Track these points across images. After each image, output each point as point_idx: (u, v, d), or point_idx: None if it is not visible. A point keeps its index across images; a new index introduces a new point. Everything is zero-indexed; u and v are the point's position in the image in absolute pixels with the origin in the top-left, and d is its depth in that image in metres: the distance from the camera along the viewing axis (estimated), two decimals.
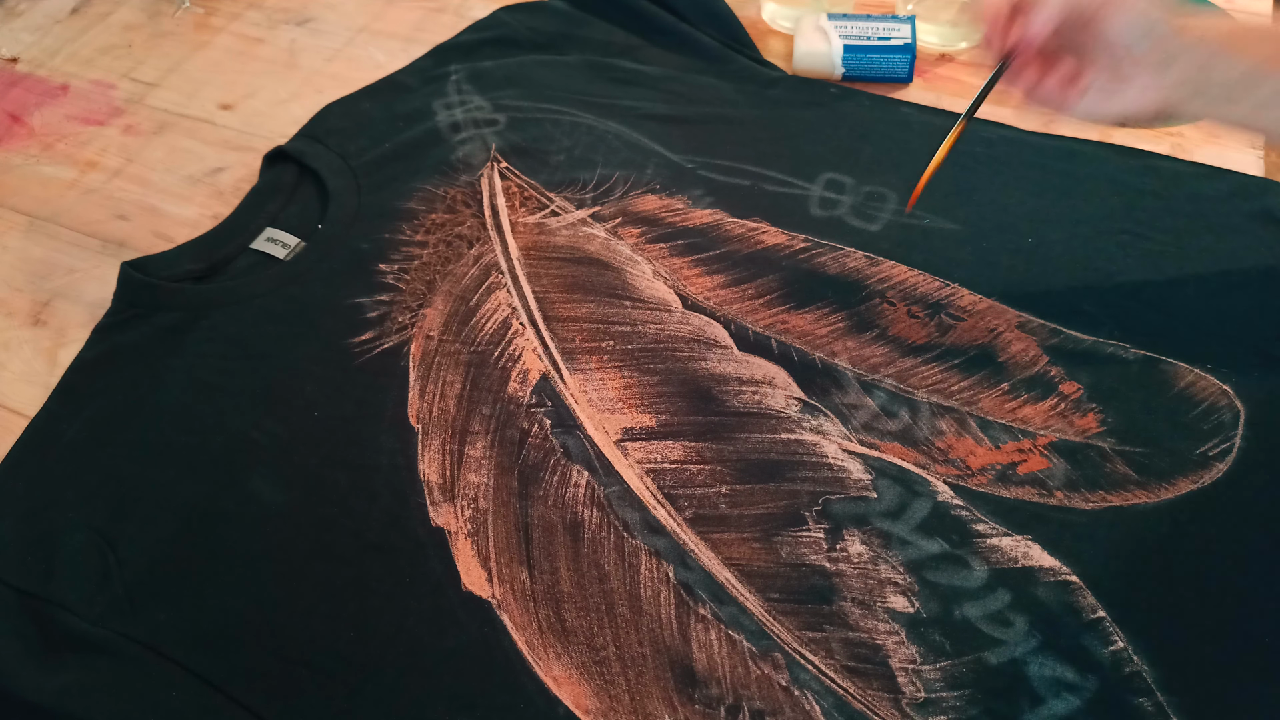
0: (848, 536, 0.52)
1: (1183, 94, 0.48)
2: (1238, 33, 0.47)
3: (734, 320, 0.62)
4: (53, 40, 0.89)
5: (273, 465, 0.56)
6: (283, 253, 0.67)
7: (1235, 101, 0.48)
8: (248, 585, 0.52)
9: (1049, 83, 0.52)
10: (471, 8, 0.87)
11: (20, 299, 0.68)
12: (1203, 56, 0.47)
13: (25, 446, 0.58)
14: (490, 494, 0.55)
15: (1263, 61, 0.47)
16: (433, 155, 0.72)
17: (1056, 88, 0.52)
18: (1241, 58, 0.47)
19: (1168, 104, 0.49)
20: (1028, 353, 0.59)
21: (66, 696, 0.49)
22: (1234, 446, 0.54)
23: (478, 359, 0.61)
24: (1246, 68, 0.47)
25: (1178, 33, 0.47)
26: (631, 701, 0.47)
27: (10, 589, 0.52)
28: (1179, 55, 0.47)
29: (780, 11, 0.82)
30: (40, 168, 0.77)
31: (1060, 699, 0.46)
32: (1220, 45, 0.47)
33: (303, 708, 0.48)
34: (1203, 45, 0.47)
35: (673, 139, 0.73)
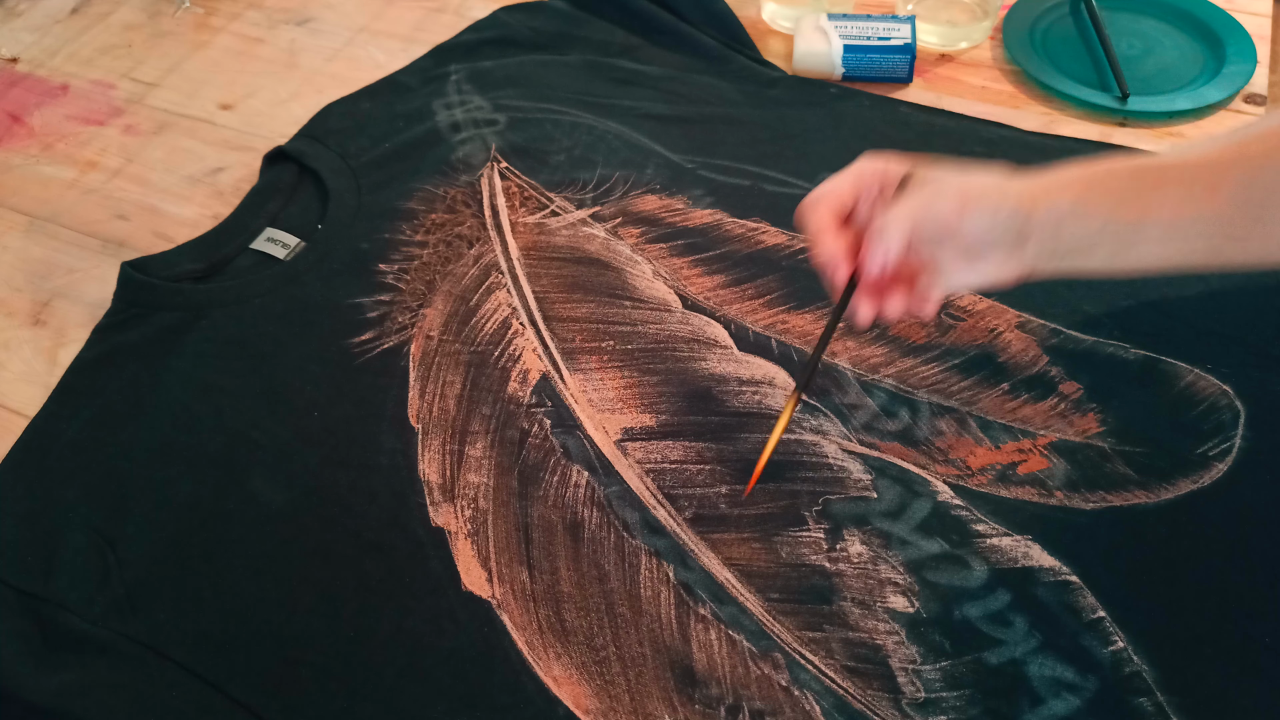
0: (848, 536, 0.52)
1: (1039, 262, 0.48)
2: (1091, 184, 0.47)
3: (734, 320, 0.62)
4: (53, 40, 0.89)
5: (273, 465, 0.56)
6: (283, 253, 0.67)
7: (1091, 255, 0.48)
8: (248, 585, 0.52)
9: (895, 304, 0.50)
10: (471, 8, 0.87)
11: (20, 299, 0.68)
12: (1054, 225, 0.46)
13: (25, 446, 0.58)
14: (490, 494, 0.55)
15: (1111, 214, 0.46)
16: (433, 155, 0.72)
17: (906, 305, 0.50)
18: (1092, 214, 0.46)
19: (1025, 272, 0.49)
20: (1028, 353, 0.59)
21: (66, 696, 0.49)
22: (1234, 446, 0.54)
23: (478, 359, 0.61)
24: (1097, 224, 0.46)
25: (1029, 213, 0.46)
26: (631, 701, 0.47)
27: (10, 589, 0.52)
28: (1031, 233, 0.47)
29: (780, 11, 0.82)
30: (40, 168, 0.77)
31: (1060, 699, 0.46)
32: (1071, 207, 0.46)
33: (303, 708, 0.48)
34: (1053, 214, 0.46)
35: (673, 139, 0.73)
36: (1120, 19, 0.79)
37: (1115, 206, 0.47)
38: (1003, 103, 0.75)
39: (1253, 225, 0.46)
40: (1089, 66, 0.76)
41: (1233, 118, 0.72)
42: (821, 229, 0.49)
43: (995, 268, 0.48)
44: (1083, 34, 0.79)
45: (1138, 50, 0.77)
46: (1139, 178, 0.47)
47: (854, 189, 0.50)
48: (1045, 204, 0.47)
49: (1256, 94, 0.73)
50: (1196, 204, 0.46)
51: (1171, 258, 0.48)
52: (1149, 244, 0.47)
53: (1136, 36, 0.78)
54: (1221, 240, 0.47)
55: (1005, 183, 0.48)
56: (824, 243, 0.49)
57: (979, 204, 0.46)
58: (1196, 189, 0.46)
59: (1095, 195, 0.47)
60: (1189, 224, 0.46)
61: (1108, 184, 0.47)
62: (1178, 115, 0.72)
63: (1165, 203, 0.46)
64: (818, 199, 0.50)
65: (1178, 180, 0.47)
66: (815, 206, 0.50)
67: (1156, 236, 0.47)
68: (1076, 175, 0.48)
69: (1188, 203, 0.46)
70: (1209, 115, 0.72)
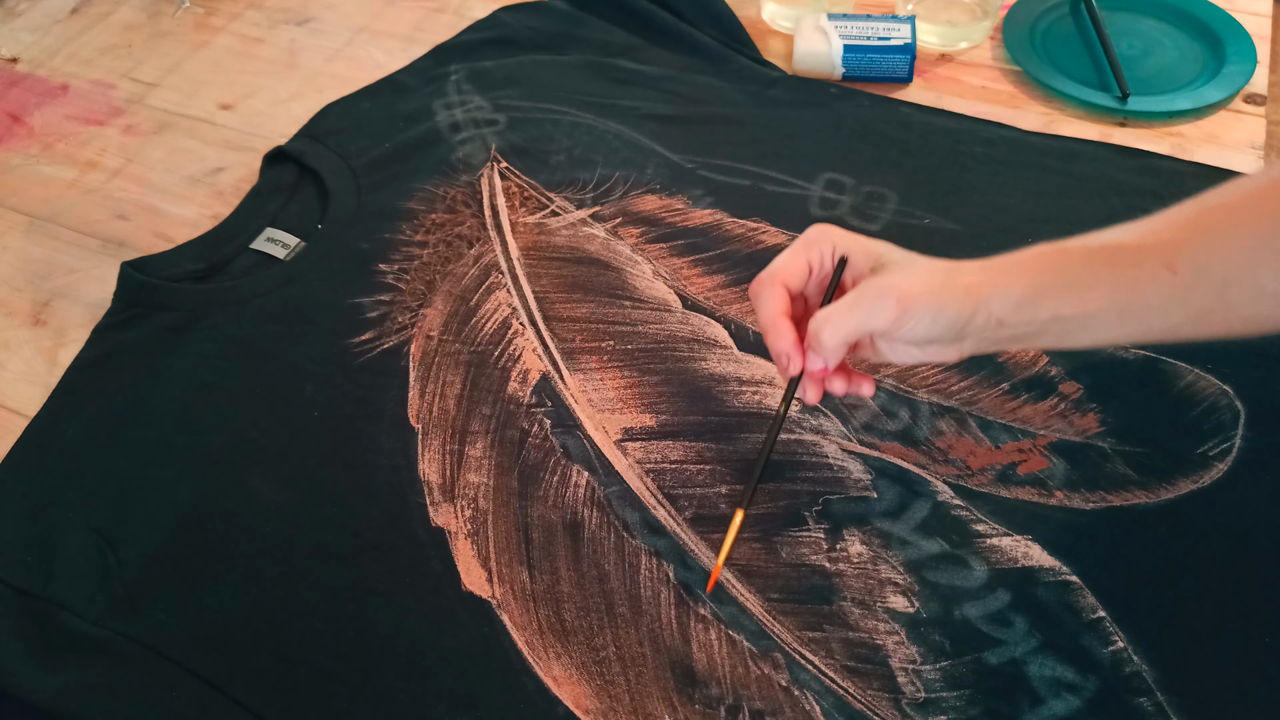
0: (848, 536, 0.52)
1: (980, 348, 0.49)
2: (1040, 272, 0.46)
3: (734, 320, 0.62)
4: (53, 40, 0.89)
5: (273, 465, 0.56)
6: (283, 253, 0.67)
7: (1038, 340, 0.48)
8: (248, 585, 0.52)
9: (837, 386, 0.50)
10: (471, 8, 0.87)
11: (20, 299, 0.68)
12: (995, 324, 0.46)
13: (25, 446, 0.58)
14: (490, 494, 0.55)
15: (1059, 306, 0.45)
16: (433, 155, 0.72)
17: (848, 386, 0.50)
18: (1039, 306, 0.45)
19: (965, 357, 0.49)
20: (1027, 352, 0.59)
21: (66, 696, 0.49)
22: (1234, 446, 0.54)
23: (478, 359, 0.61)
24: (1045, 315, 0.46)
25: (971, 314, 0.45)
26: (631, 701, 0.47)
27: (10, 589, 0.52)
28: (971, 332, 0.46)
29: (780, 11, 0.82)
30: (40, 168, 0.77)
31: (1060, 699, 0.46)
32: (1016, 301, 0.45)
33: (303, 708, 0.48)
34: (996, 311, 0.45)
35: (673, 139, 0.73)
36: (1120, 19, 0.79)
37: (1063, 297, 0.46)
38: (1003, 103, 0.75)
39: (1213, 304, 0.45)
40: (1089, 66, 0.76)
41: (1233, 118, 0.72)
42: (775, 317, 0.48)
43: (935, 354, 0.49)
44: (1083, 34, 0.79)
45: (1138, 50, 0.77)
46: (1090, 262, 0.46)
47: (804, 264, 0.50)
48: (989, 300, 0.45)
49: (1256, 94, 0.73)
50: (1152, 286, 0.45)
51: (1127, 337, 0.48)
52: (1101, 329, 0.47)
53: (1136, 36, 0.78)
54: (1180, 320, 0.46)
55: (950, 278, 0.46)
56: (775, 336, 0.48)
57: (917, 310, 0.45)
58: (1153, 270, 0.45)
59: (1043, 285, 0.46)
60: (1143, 309, 0.45)
61: (1057, 272, 0.46)
62: (1178, 115, 0.72)
63: (1118, 288, 0.45)
64: (768, 281, 0.49)
65: (1132, 262, 0.45)
66: (765, 293, 0.49)
67: (1108, 322, 0.46)
68: (1026, 264, 0.46)
69: (1142, 286, 0.45)
70: (1209, 115, 0.73)
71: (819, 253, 0.50)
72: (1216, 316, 0.46)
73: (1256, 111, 0.72)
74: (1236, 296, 0.45)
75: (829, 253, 0.50)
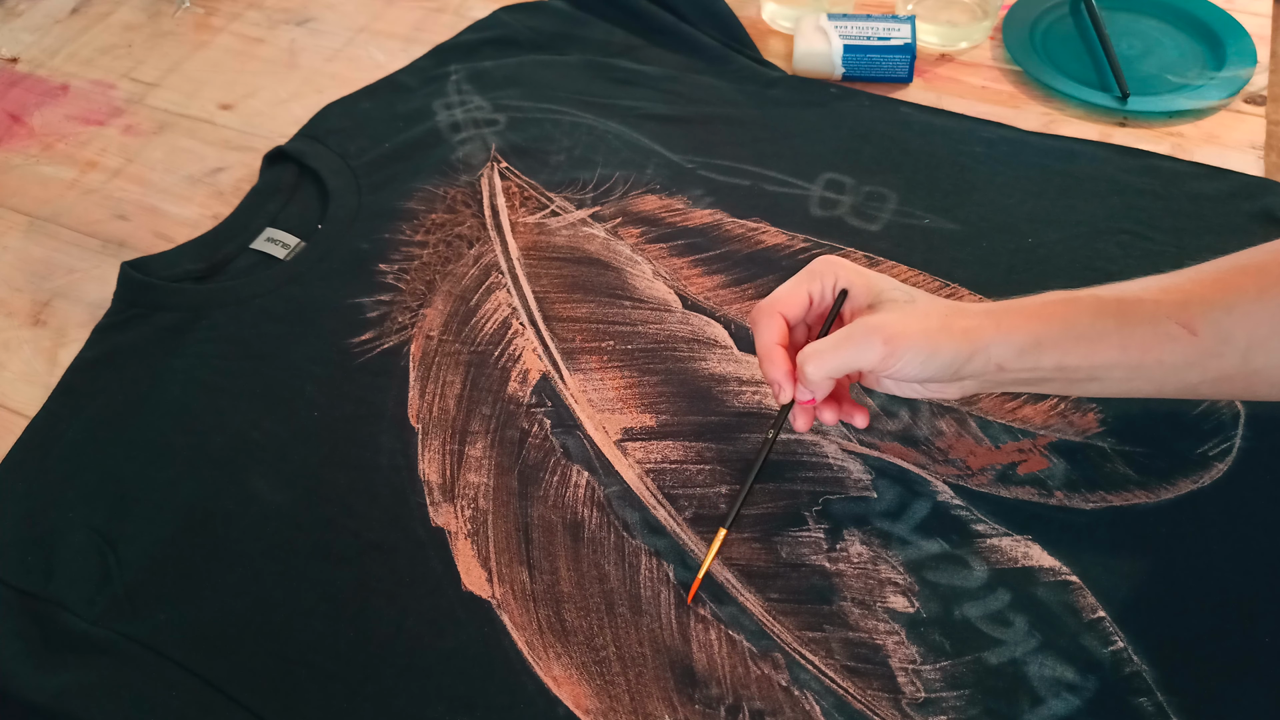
0: (848, 536, 0.52)
1: (982, 389, 0.48)
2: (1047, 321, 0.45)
3: (734, 320, 0.62)
4: (53, 40, 0.89)
5: (273, 465, 0.56)
6: (283, 253, 0.67)
7: (1044, 387, 0.47)
8: (248, 585, 0.52)
9: (828, 416, 0.50)
10: (471, 8, 0.87)
11: (20, 299, 0.68)
12: (995, 368, 0.45)
13: (25, 446, 0.58)
14: (490, 494, 0.55)
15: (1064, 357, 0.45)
16: (433, 155, 0.72)
17: (839, 416, 0.50)
18: (1044, 355, 0.45)
19: (968, 395, 0.49)
20: None
21: (66, 696, 0.49)
22: (1234, 446, 0.54)
23: (478, 359, 0.61)
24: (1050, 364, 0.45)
25: (969, 356, 0.45)
26: (631, 701, 0.47)
27: (10, 589, 0.52)
28: (969, 374, 0.46)
29: (780, 11, 0.82)
30: (40, 168, 0.77)
31: (1060, 699, 0.46)
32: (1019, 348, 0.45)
33: (303, 708, 0.48)
34: (996, 356, 0.45)
35: (673, 139, 0.73)
36: (1120, 19, 0.79)
37: (1069, 348, 0.45)
38: (1003, 103, 0.75)
39: (1235, 369, 0.43)
40: (1089, 66, 0.76)
41: (1233, 118, 0.72)
42: (769, 346, 0.49)
43: (935, 391, 0.49)
44: (1083, 34, 0.79)
45: (1138, 50, 0.77)
46: (1100, 315, 0.45)
47: (805, 295, 0.49)
48: (989, 345, 0.45)
49: (1257, 94, 0.73)
50: (1168, 345, 0.43)
51: (1139, 392, 0.47)
52: (1111, 382, 0.46)
53: (1136, 36, 0.78)
54: (1198, 380, 0.45)
55: (947, 319, 0.46)
56: (768, 364, 0.48)
57: (908, 350, 0.45)
58: (1169, 329, 0.43)
59: (1048, 334, 0.45)
60: (1156, 366, 0.44)
61: (1065, 322, 0.45)
62: (1178, 115, 0.72)
63: (1129, 344, 0.44)
64: (767, 310, 0.49)
65: (1147, 319, 0.44)
66: (762, 321, 0.49)
67: (1119, 377, 0.45)
68: (1032, 311, 0.46)
69: (1157, 344, 0.44)
70: (1209, 115, 0.73)
71: (820, 285, 0.49)
72: (1239, 382, 0.45)
73: (1256, 111, 0.72)
74: (1261, 363, 0.43)
75: (831, 285, 0.49)
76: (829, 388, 0.48)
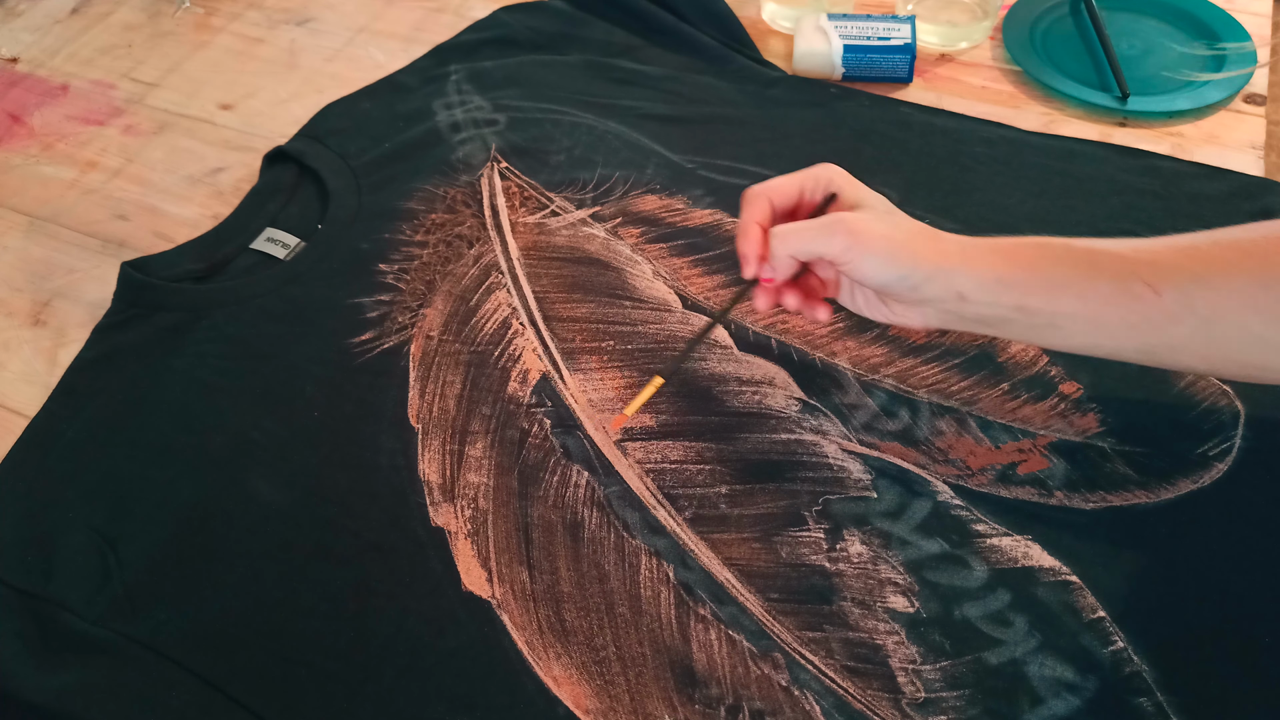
0: (848, 536, 0.52)
1: (945, 322, 0.49)
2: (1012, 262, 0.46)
3: (734, 320, 0.62)
4: (53, 40, 0.89)
5: (273, 465, 0.56)
6: (283, 253, 0.67)
7: (1005, 329, 0.48)
8: (248, 585, 0.52)
9: (791, 301, 0.51)
10: (471, 8, 0.87)
11: (20, 299, 0.68)
12: (955, 296, 0.46)
13: (25, 446, 0.58)
14: (490, 494, 0.55)
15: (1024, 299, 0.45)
16: (433, 155, 0.72)
17: (801, 305, 0.52)
18: (1005, 294, 0.45)
19: (930, 327, 0.50)
20: (1027, 352, 0.59)
21: (66, 696, 0.49)
22: (1234, 446, 0.54)
23: (478, 359, 0.61)
24: (1010, 304, 0.45)
25: (929, 275, 0.46)
26: (631, 701, 0.47)
27: (10, 589, 0.52)
28: (929, 295, 0.47)
29: (780, 11, 0.82)
30: (40, 168, 0.77)
31: (1060, 699, 0.46)
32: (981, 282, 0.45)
33: (303, 708, 0.48)
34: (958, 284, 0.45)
35: (673, 139, 0.73)
36: (1120, 19, 0.79)
37: (1031, 290, 0.45)
38: (1003, 103, 0.75)
39: (1194, 337, 0.44)
40: (1089, 66, 0.76)
41: (1233, 118, 0.72)
42: (748, 223, 0.51)
43: (898, 313, 0.50)
44: (1083, 34, 0.79)
45: (1138, 50, 0.77)
46: (1068, 263, 0.45)
47: (797, 188, 0.51)
48: (954, 271, 0.46)
49: (1256, 94, 0.73)
50: (1130, 303, 0.44)
51: (1099, 348, 0.47)
52: (1072, 332, 0.46)
53: (1136, 36, 0.78)
54: (1156, 343, 0.45)
55: (916, 237, 0.47)
56: (745, 238, 0.51)
57: (869, 249, 0.46)
58: (1133, 286, 0.44)
59: (1013, 273, 0.45)
60: (1116, 323, 0.45)
61: (1031, 265, 0.46)
62: (1178, 115, 0.72)
63: (1089, 295, 0.45)
64: (757, 192, 0.51)
65: (1113, 273, 0.45)
66: (750, 201, 0.52)
67: (1079, 327, 0.46)
68: (1003, 250, 0.46)
69: (1119, 299, 0.44)
70: (1209, 115, 0.73)
71: (814, 183, 0.52)
72: (1197, 352, 0.45)
73: (1256, 111, 0.72)
74: (1220, 336, 0.44)
75: (824, 186, 0.51)
76: (790, 268, 0.50)
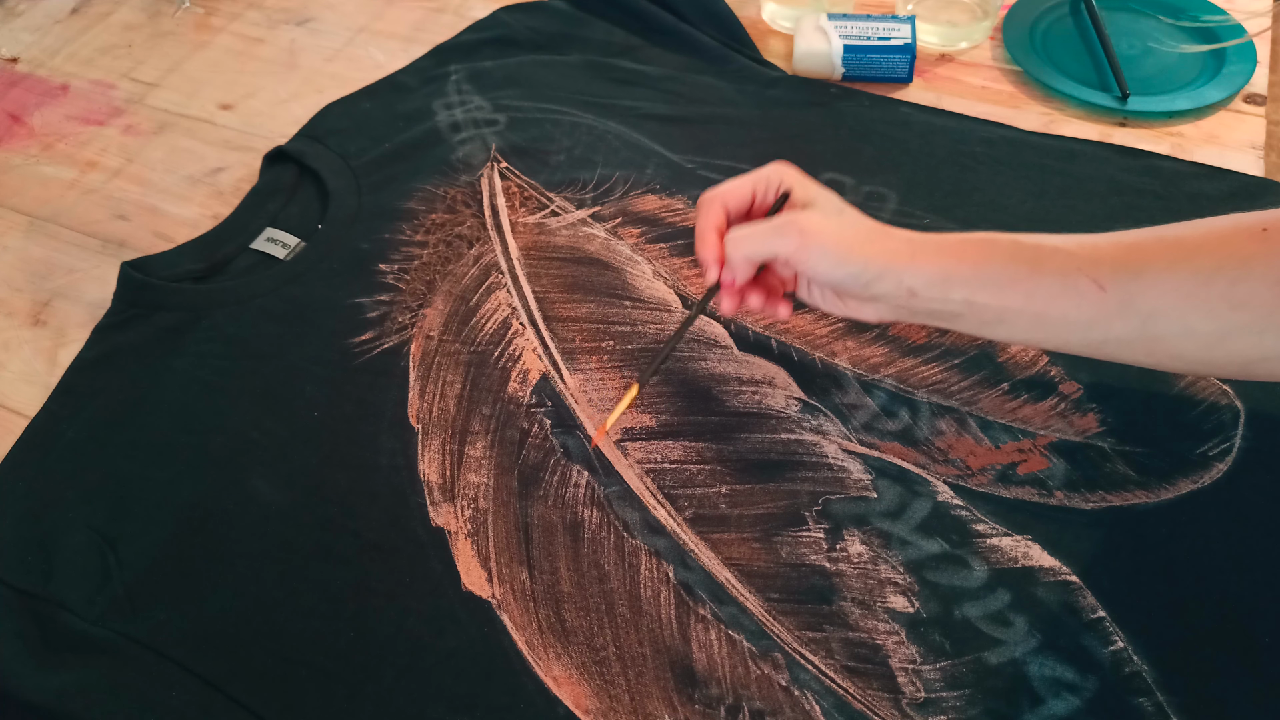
0: (848, 536, 0.52)
1: (898, 316, 0.50)
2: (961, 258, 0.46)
3: (734, 320, 0.62)
4: (53, 40, 0.89)
5: (273, 465, 0.56)
6: (283, 253, 0.67)
7: (956, 323, 0.49)
8: (248, 585, 0.52)
9: (754, 301, 0.52)
10: (471, 8, 0.87)
11: (20, 299, 0.68)
12: (906, 293, 0.47)
13: (25, 446, 0.58)
14: (490, 494, 0.55)
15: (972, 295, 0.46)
16: (433, 155, 0.72)
17: (763, 304, 0.53)
18: (953, 291, 0.46)
19: (884, 320, 0.51)
20: (1027, 353, 0.59)
21: (66, 696, 0.49)
22: (1234, 446, 0.54)
23: (478, 359, 0.61)
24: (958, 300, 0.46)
25: (880, 273, 0.47)
26: (631, 701, 0.47)
27: (10, 589, 0.52)
28: (880, 293, 0.47)
29: (780, 11, 0.82)
30: (40, 168, 0.77)
31: (1060, 699, 0.46)
32: (930, 279, 0.46)
33: (303, 708, 0.48)
34: (908, 281, 0.46)
35: (673, 139, 0.73)
36: (1120, 19, 0.79)
37: (978, 287, 0.46)
38: (1003, 103, 0.75)
39: (1136, 333, 0.45)
40: (1089, 66, 0.76)
41: (1233, 118, 0.72)
42: (705, 229, 0.51)
43: (852, 308, 0.51)
44: (1083, 34, 0.79)
45: (1138, 50, 0.77)
46: (1015, 260, 0.46)
47: (749, 191, 0.52)
48: (903, 270, 0.46)
49: (1256, 94, 0.73)
50: (1075, 299, 0.45)
51: (1047, 343, 0.48)
52: (1019, 328, 0.47)
53: (1136, 36, 0.78)
54: (1101, 339, 0.46)
55: (867, 235, 0.48)
56: (702, 244, 0.51)
57: (821, 249, 0.47)
58: (1078, 284, 0.44)
59: (960, 271, 0.46)
60: (1060, 320, 0.45)
61: (978, 263, 0.46)
62: (1178, 115, 0.72)
63: (1035, 293, 0.45)
64: (711, 198, 0.52)
65: (1058, 271, 0.45)
66: (705, 208, 0.52)
67: (1025, 323, 0.46)
68: (950, 247, 0.47)
69: (1064, 297, 0.45)
70: (1209, 115, 0.73)
71: (766, 185, 0.52)
72: (1140, 347, 0.46)
73: (1256, 111, 0.72)
74: (1162, 332, 0.45)
75: (775, 187, 0.52)
76: (748, 271, 0.50)
